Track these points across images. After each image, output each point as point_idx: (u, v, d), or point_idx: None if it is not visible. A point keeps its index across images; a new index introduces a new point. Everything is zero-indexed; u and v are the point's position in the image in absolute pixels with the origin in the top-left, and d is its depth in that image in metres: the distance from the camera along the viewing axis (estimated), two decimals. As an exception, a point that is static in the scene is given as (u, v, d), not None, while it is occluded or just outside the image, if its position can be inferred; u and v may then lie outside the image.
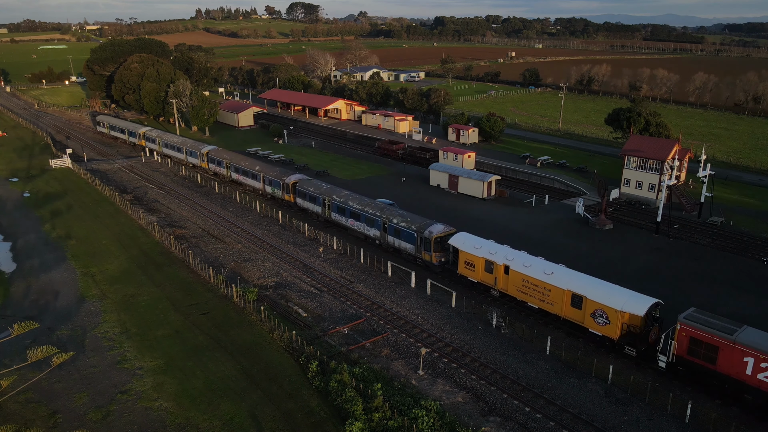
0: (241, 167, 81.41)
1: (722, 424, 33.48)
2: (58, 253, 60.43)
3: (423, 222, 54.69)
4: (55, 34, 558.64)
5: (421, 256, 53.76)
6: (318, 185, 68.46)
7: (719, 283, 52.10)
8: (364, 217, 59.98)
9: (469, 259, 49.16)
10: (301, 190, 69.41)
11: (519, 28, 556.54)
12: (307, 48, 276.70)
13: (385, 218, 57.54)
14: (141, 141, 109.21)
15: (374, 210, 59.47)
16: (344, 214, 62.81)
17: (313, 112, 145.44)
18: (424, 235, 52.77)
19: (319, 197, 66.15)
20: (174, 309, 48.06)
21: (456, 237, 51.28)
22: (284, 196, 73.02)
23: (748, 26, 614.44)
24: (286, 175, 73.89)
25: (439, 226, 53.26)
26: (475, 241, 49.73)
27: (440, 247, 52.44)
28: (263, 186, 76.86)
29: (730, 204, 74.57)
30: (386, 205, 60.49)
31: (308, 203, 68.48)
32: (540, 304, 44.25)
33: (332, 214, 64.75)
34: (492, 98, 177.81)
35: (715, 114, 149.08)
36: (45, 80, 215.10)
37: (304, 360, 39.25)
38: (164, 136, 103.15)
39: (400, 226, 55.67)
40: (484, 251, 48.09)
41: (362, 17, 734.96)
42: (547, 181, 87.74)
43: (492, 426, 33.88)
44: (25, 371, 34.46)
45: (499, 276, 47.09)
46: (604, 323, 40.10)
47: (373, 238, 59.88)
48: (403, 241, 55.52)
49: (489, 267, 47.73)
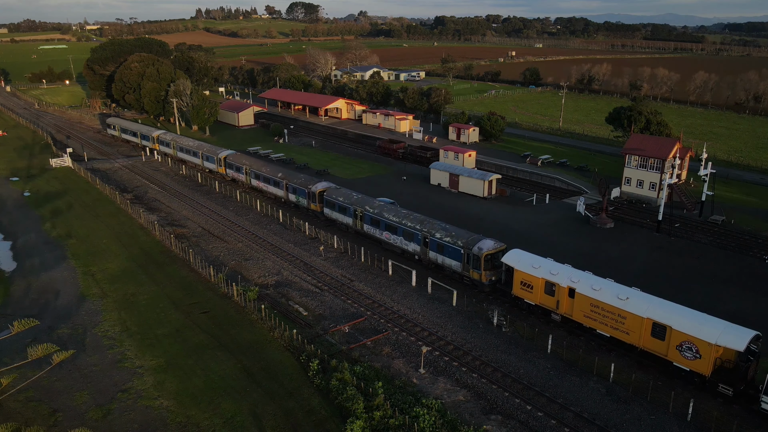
0: (262, 173, 77.02)
1: (724, 423, 33.41)
2: (59, 252, 60.38)
3: (470, 237, 50.56)
4: (55, 34, 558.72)
5: (469, 274, 49.61)
6: (348, 194, 64.06)
7: (720, 281, 52.04)
8: (402, 230, 55.80)
9: (526, 280, 44.90)
10: (329, 200, 65.04)
11: (519, 27, 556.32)
12: (308, 48, 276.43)
13: (426, 232, 53.24)
14: (155, 144, 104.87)
15: (413, 223, 55.11)
16: (378, 226, 58.61)
17: (313, 111, 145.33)
18: (473, 252, 48.67)
19: (350, 207, 61.97)
20: (174, 308, 48.00)
21: (510, 255, 47.20)
22: (310, 205, 68.44)
23: (749, 26, 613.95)
24: (312, 182, 69.12)
25: (488, 242, 49.14)
26: (533, 260, 45.67)
27: (490, 265, 48.31)
28: (286, 194, 72.46)
29: (731, 203, 74.48)
30: (427, 218, 55.77)
31: (337, 214, 64.14)
32: (612, 333, 39.92)
33: (364, 226, 60.45)
34: (492, 97, 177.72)
35: (715, 113, 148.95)
36: (45, 80, 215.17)
37: (304, 359, 39.19)
38: (179, 139, 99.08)
39: (444, 241, 51.37)
40: (544, 271, 43.90)
41: (362, 17, 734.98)
42: (548, 180, 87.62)
43: (493, 424, 33.80)
44: (25, 370, 34.41)
45: (562, 299, 42.88)
46: (693, 357, 35.85)
47: (411, 253, 55.68)
48: (447, 258, 51.32)
49: (550, 289, 43.50)
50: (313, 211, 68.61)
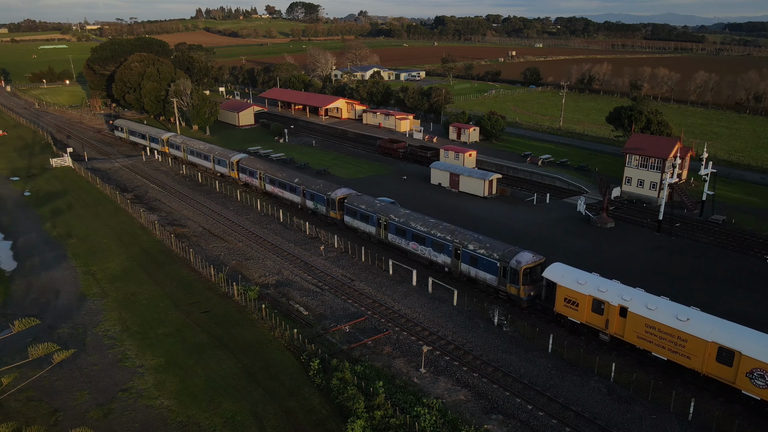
0: (277, 179, 74.11)
1: (725, 422, 33.38)
2: (59, 252, 60.36)
3: (506, 249, 47.57)
4: (55, 33, 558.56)
5: (505, 289, 46.76)
6: (371, 202, 60.94)
7: (721, 281, 51.99)
8: (431, 240, 52.79)
9: (570, 296, 42.04)
10: (350, 207, 62.00)
11: (519, 27, 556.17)
12: (308, 47, 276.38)
13: (458, 243, 50.28)
14: (164, 147, 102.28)
15: (444, 233, 52.10)
16: (404, 236, 55.59)
17: (313, 111, 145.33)
18: (510, 265, 45.62)
19: (373, 216, 59.01)
20: (175, 307, 47.99)
21: (552, 269, 44.32)
22: (329, 213, 65.72)
23: (749, 25, 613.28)
24: (331, 189, 66.14)
25: (527, 255, 46.18)
26: (578, 275, 42.80)
27: (529, 280, 45.43)
28: (303, 200, 69.70)
29: (732, 202, 74.42)
30: (458, 228, 52.76)
31: (358, 222, 61.21)
32: (670, 356, 37.16)
33: (389, 236, 57.43)
34: (493, 97, 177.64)
35: (716, 113, 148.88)
36: (45, 80, 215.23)
37: (305, 358, 39.16)
38: (190, 142, 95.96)
39: (478, 253, 48.53)
40: (591, 287, 41.11)
41: (362, 17, 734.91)
42: (549, 180, 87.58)
43: (494, 424, 33.77)
44: (25, 369, 34.43)
45: (612, 318, 39.94)
46: (766, 386, 33.23)
47: (440, 265, 52.78)
48: (482, 271, 48.43)
49: (598, 307, 40.63)
50: (333, 219, 65.86)
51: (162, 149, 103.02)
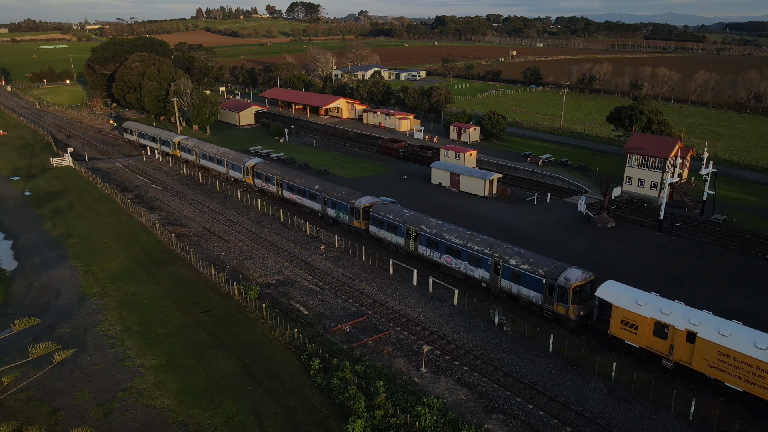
0: (296, 185, 70.78)
1: (726, 422, 33.36)
2: (60, 252, 60.37)
3: (553, 264, 44.67)
4: (55, 33, 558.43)
5: (552, 308, 43.74)
6: (398, 212, 57.87)
7: (722, 280, 51.95)
8: (467, 254, 49.68)
9: (628, 318, 38.89)
10: (376, 217, 58.98)
11: (520, 27, 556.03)
12: (308, 47, 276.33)
13: (497, 257, 47.23)
14: (175, 151, 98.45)
15: (481, 246, 48.99)
16: (437, 248, 52.47)
17: (314, 110, 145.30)
18: (558, 283, 42.65)
19: (401, 226, 55.96)
20: (175, 307, 47.98)
21: (607, 287, 41.27)
22: (352, 222, 62.52)
23: (750, 25, 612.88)
24: (354, 197, 62.95)
25: (576, 272, 43.20)
26: (636, 294, 39.69)
27: (579, 298, 42.48)
28: (324, 208, 66.59)
29: (733, 202, 74.38)
30: (497, 241, 49.64)
31: (385, 232, 58.10)
32: (747, 387, 34.05)
33: (419, 248, 54.40)
34: (493, 97, 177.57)
35: (716, 112, 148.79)
36: (46, 80, 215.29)
37: (305, 358, 39.15)
38: (202, 146, 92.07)
39: (521, 268, 45.50)
40: (653, 309, 37.99)
41: (363, 16, 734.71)
42: (549, 179, 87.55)
43: (495, 423, 33.76)
44: (26, 369, 34.44)
45: (677, 344, 36.84)
46: None
47: (477, 280, 49.60)
48: (525, 288, 45.45)
49: (661, 331, 37.51)
50: (356, 229, 62.69)
51: (173, 152, 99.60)
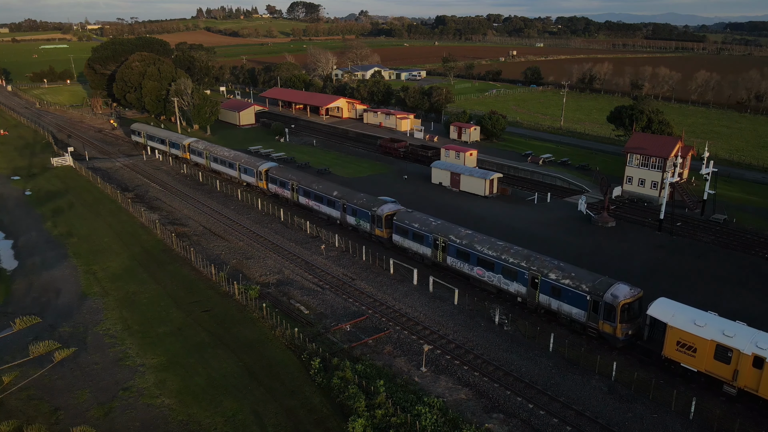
0: (312, 191, 68.33)
1: (727, 421, 33.33)
2: (60, 251, 60.37)
3: (597, 280, 42.06)
4: (56, 33, 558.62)
5: (597, 326, 41.17)
6: (425, 220, 55.22)
7: (722, 280, 51.93)
8: (501, 266, 47.11)
9: (685, 340, 36.33)
10: (400, 225, 56.47)
11: (520, 27, 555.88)
12: (308, 47, 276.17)
13: (535, 271, 44.80)
14: (185, 153, 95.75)
15: (517, 258, 46.45)
16: (467, 260, 49.96)
17: (314, 110, 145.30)
18: (605, 300, 40.15)
19: (428, 236, 53.44)
20: (176, 306, 47.98)
21: (660, 306, 38.62)
22: (374, 230, 60.07)
23: (750, 25, 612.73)
24: (376, 204, 60.51)
25: (624, 288, 40.64)
26: (693, 314, 37.09)
27: (627, 317, 40.00)
28: (343, 215, 64.25)
29: (733, 201, 74.36)
30: (533, 254, 47.10)
31: (410, 242, 55.66)
32: None
33: (448, 259, 51.90)
34: (493, 97, 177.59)
35: (717, 112, 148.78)
36: (46, 79, 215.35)
37: (306, 357, 39.14)
38: (213, 149, 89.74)
39: (562, 284, 42.93)
40: (714, 331, 35.34)
41: (363, 16, 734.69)
42: (549, 179, 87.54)
43: (495, 423, 33.76)
44: (26, 368, 34.42)
45: (743, 369, 34.04)
46: None
47: (512, 294, 47.14)
48: (566, 304, 42.94)
49: (723, 355, 34.78)
50: (378, 238, 60.10)
51: (183, 155, 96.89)
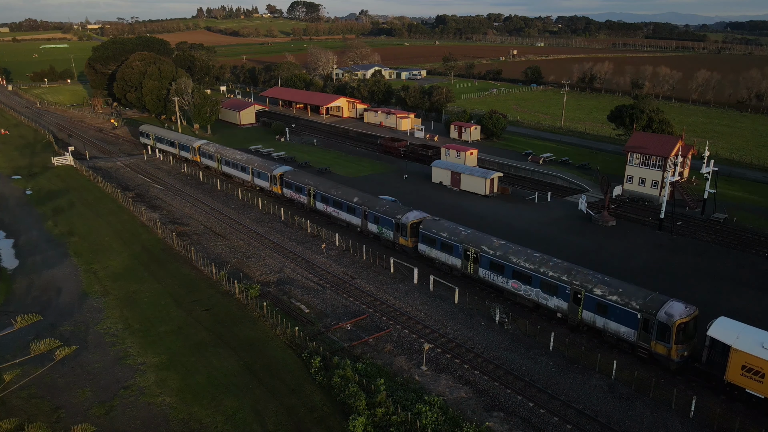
0: (331, 196, 65.72)
1: (727, 420, 33.36)
2: (61, 250, 60.43)
3: (648, 296, 39.26)
4: (56, 33, 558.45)
5: (649, 346, 38.48)
6: (453, 229, 52.36)
7: (722, 279, 51.94)
8: (539, 280, 44.41)
9: (752, 364, 33.61)
10: (426, 234, 53.57)
11: (520, 26, 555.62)
12: (309, 46, 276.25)
13: (578, 286, 41.99)
14: (195, 156, 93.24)
15: (557, 272, 43.63)
16: (502, 272, 47.24)
17: (314, 110, 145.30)
18: (659, 319, 37.37)
19: (458, 246, 50.60)
20: (176, 305, 48.03)
21: (721, 326, 35.94)
22: (398, 239, 57.28)
23: (751, 24, 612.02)
24: (400, 212, 57.63)
25: (679, 306, 37.98)
26: (760, 336, 34.53)
27: (683, 337, 37.32)
28: (364, 223, 61.57)
29: (734, 201, 74.35)
30: (574, 266, 44.45)
31: (438, 252, 52.71)
32: None
33: (480, 271, 49.17)
34: (494, 96, 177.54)
35: (717, 111, 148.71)
36: (47, 79, 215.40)
37: (306, 356, 39.17)
38: (224, 151, 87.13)
39: (609, 300, 40.07)
40: None
41: (363, 16, 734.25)
42: (550, 178, 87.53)
43: (496, 421, 33.79)
44: (27, 366, 34.48)
45: None
46: None
47: (552, 310, 44.39)
48: (614, 322, 39.96)
49: None
50: (402, 247, 57.30)
51: (193, 158, 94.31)
